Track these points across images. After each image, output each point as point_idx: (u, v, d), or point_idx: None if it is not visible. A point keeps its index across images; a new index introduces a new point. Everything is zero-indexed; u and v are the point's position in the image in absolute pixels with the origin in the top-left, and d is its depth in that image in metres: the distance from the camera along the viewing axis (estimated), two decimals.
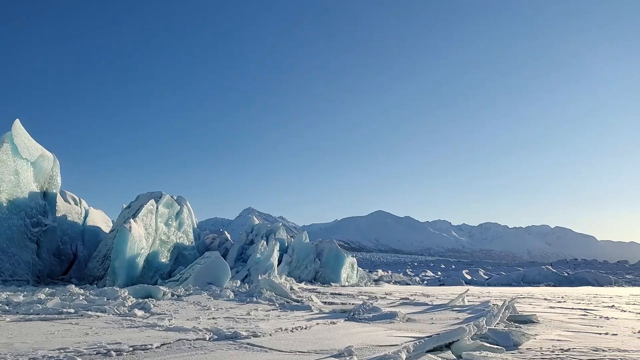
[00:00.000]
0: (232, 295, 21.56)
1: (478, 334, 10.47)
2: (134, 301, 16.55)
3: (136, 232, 26.52)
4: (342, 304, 19.90)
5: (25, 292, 17.96)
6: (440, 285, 53.47)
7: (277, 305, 18.20)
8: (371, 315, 14.41)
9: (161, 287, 20.76)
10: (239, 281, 30.11)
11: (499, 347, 9.28)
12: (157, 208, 30.07)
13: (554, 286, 53.06)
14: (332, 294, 27.94)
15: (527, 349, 9.64)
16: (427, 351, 8.41)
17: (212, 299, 20.22)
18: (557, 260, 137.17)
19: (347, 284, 44.12)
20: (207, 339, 9.45)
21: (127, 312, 13.80)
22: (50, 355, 7.28)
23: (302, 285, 36.29)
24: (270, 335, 10.35)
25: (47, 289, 20.21)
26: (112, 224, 34.85)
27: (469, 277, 63.16)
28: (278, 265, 38.18)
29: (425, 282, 59.20)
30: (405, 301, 22.43)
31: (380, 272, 64.86)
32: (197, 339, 9.33)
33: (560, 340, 10.80)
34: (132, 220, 27.06)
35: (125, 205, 32.36)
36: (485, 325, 11.10)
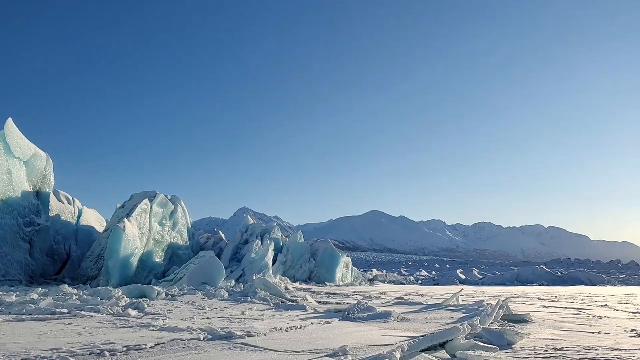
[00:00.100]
0: (226, 295, 21.51)
1: (472, 333, 10.52)
2: (128, 301, 16.49)
3: (130, 231, 26.40)
4: (337, 303, 19.90)
5: (18, 293, 17.83)
6: (434, 284, 53.59)
7: (272, 305, 18.18)
8: (366, 315, 14.43)
9: (155, 287, 20.68)
10: (233, 281, 30.05)
11: (493, 346, 9.32)
12: (151, 208, 29.94)
13: (547, 286, 53.34)
14: (327, 293, 27.95)
15: (520, 348, 9.70)
16: (422, 351, 8.43)
17: (207, 299, 20.16)
18: (551, 260, 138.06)
19: (342, 283, 44.13)
20: (202, 339, 9.42)
21: (121, 312, 13.74)
22: (43, 355, 7.23)
23: (297, 285, 36.26)
24: (265, 335, 10.34)
25: (40, 289, 20.07)
26: (106, 224, 34.69)
27: (463, 277, 63.34)
28: (273, 265, 38.12)
29: (420, 281, 59.30)
30: (399, 301, 22.47)
31: (375, 272, 64.90)
32: (191, 339, 9.30)
33: (553, 340, 10.88)
34: (126, 220, 26.94)
35: (119, 205, 32.22)
36: (479, 325, 11.15)
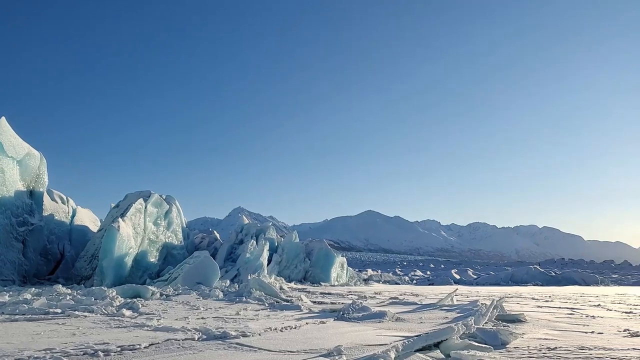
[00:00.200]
0: (221, 295, 21.48)
1: (466, 333, 10.56)
2: (122, 301, 16.43)
3: (124, 231, 26.31)
4: (332, 303, 19.93)
5: (11, 292, 17.71)
6: (429, 284, 53.71)
7: (267, 305, 18.18)
8: (360, 314, 14.46)
9: (150, 287, 20.61)
10: (228, 281, 30.00)
11: (487, 346, 9.37)
12: (145, 207, 29.85)
13: (541, 285, 53.62)
14: (321, 293, 27.96)
15: (514, 347, 9.76)
16: (416, 350, 8.46)
17: (201, 298, 20.13)
18: (545, 260, 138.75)
19: (336, 283, 44.15)
20: (196, 338, 9.40)
21: (115, 312, 13.69)
22: (36, 355, 7.20)
23: (292, 284, 36.25)
24: (260, 335, 10.33)
25: (34, 289, 19.95)
26: (100, 223, 34.54)
27: (457, 277, 63.54)
28: (268, 265, 38.08)
29: (415, 281, 59.42)
30: (394, 300, 22.52)
31: (370, 272, 65.00)
32: (185, 339, 9.28)
33: (547, 339, 10.95)
34: (120, 219, 26.84)
35: (113, 205, 32.09)
36: (473, 325, 11.19)
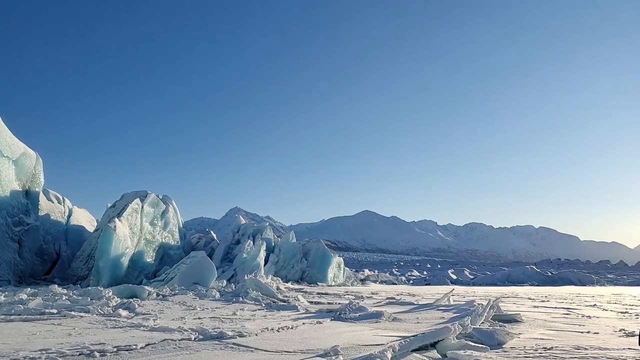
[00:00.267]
0: (218, 295, 21.48)
1: (463, 333, 10.60)
2: (119, 301, 16.39)
3: (121, 231, 26.24)
4: (329, 303, 19.95)
5: (6, 293, 17.63)
6: (426, 284, 53.83)
7: (264, 305, 18.18)
8: (357, 314, 14.49)
9: (146, 287, 20.58)
10: (225, 281, 29.99)
11: (484, 345, 9.40)
12: (142, 207, 29.78)
13: (537, 286, 53.80)
14: (318, 293, 27.99)
15: (511, 347, 9.80)
16: (413, 350, 8.48)
17: (198, 299, 20.12)
18: (541, 260, 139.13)
19: (333, 283, 44.17)
20: (193, 339, 9.40)
21: (112, 312, 13.67)
22: (32, 356, 7.18)
23: (289, 285, 36.25)
24: (257, 335, 10.33)
25: (29, 289, 19.90)
26: (96, 223, 34.44)
27: (454, 277, 63.70)
28: (265, 265, 38.07)
29: (411, 281, 59.53)
30: (391, 301, 22.57)
31: (367, 272, 65.07)
32: (182, 339, 9.28)
33: (543, 339, 11.00)
34: (116, 219, 26.77)
35: (109, 205, 32.00)
36: (470, 325, 11.23)
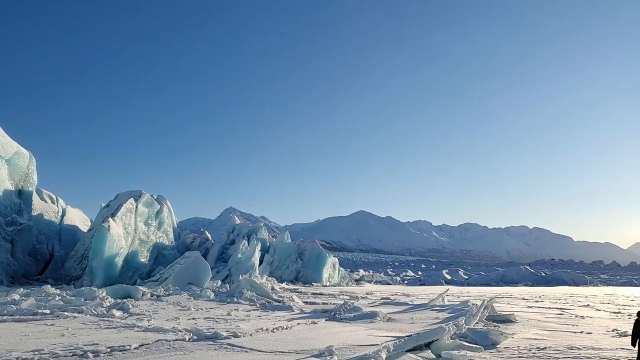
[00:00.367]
0: (212, 296, 21.49)
1: (457, 333, 10.66)
2: (112, 301, 16.35)
3: (115, 231, 26.15)
4: (324, 303, 20.02)
5: None
6: (420, 285, 54.02)
7: (258, 306, 18.21)
8: (352, 315, 14.55)
9: (140, 287, 20.54)
10: (219, 281, 29.97)
11: (478, 346, 9.46)
12: (136, 207, 29.70)
13: (532, 286, 54.18)
14: (313, 293, 28.05)
15: (505, 347, 9.88)
16: (407, 350, 8.51)
17: (192, 299, 20.12)
18: (535, 261, 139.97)
19: (328, 283, 44.25)
20: (187, 339, 9.41)
21: (105, 312, 13.65)
22: (24, 357, 7.15)
23: (284, 285, 36.29)
24: (251, 335, 10.36)
25: (22, 289, 19.79)
26: (90, 223, 34.32)
27: (449, 277, 63.97)
28: (259, 265, 38.07)
29: (406, 281, 59.72)
30: (386, 301, 22.67)
31: (362, 272, 65.25)
32: (176, 340, 9.29)
33: (537, 339, 11.11)
34: (110, 219, 26.68)
35: (104, 204, 31.90)
36: (464, 325, 11.30)
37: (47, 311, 13.05)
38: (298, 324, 12.72)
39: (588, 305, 22.79)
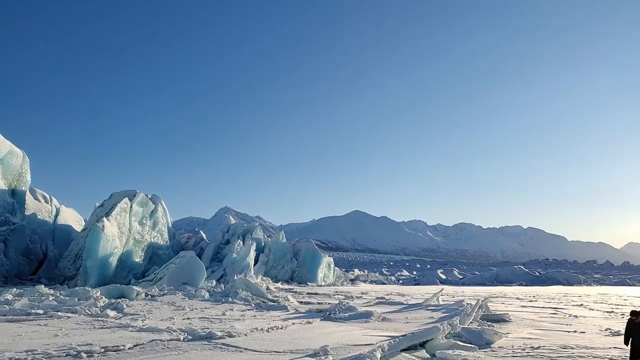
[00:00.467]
0: (207, 295, 21.46)
1: (452, 332, 10.70)
2: (107, 301, 16.30)
3: (109, 231, 26.05)
4: (319, 303, 20.03)
5: None
6: (415, 284, 54.12)
7: (253, 305, 18.21)
8: (347, 314, 14.57)
9: (135, 287, 20.48)
10: (214, 281, 29.92)
11: (472, 345, 9.50)
12: (131, 207, 29.60)
13: (526, 285, 54.40)
14: (308, 293, 28.06)
15: (499, 347, 9.93)
16: (402, 350, 8.54)
17: (187, 299, 20.09)
18: (530, 260, 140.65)
19: (323, 283, 44.25)
20: (182, 339, 9.39)
21: (99, 312, 13.60)
22: (17, 357, 7.12)
23: (279, 285, 36.28)
24: (246, 335, 10.35)
25: (15, 289, 19.68)
26: (84, 223, 34.18)
27: (443, 277, 64.10)
28: (254, 265, 38.05)
29: (401, 281, 59.82)
30: (380, 300, 22.71)
31: (357, 272, 65.32)
32: (171, 340, 9.27)
33: (531, 339, 11.17)
34: (105, 219, 26.58)
35: (98, 204, 31.77)
36: (458, 324, 11.34)
37: (41, 311, 13.00)
38: (293, 323, 12.72)
39: (581, 304, 22.92)
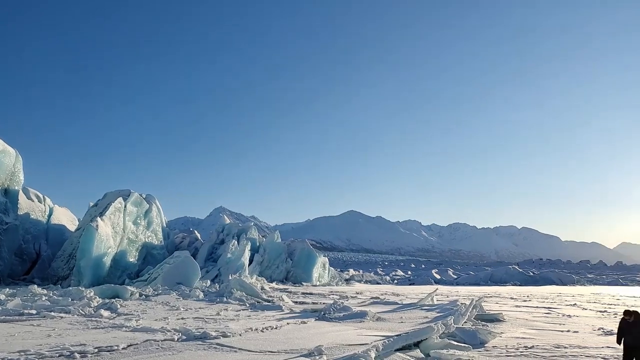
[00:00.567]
0: (201, 295, 21.41)
1: (446, 332, 10.72)
2: (100, 301, 16.21)
3: (103, 230, 25.94)
4: (313, 303, 20.04)
5: None
6: (410, 284, 54.22)
7: (248, 305, 18.18)
8: (342, 314, 14.58)
9: (129, 287, 20.39)
10: (209, 281, 29.85)
11: (466, 345, 9.53)
12: (125, 206, 29.48)
13: (520, 285, 54.66)
14: (303, 293, 28.06)
15: (493, 346, 9.96)
16: (396, 350, 8.54)
17: (181, 299, 20.03)
18: (524, 260, 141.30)
19: (318, 283, 44.27)
20: (176, 339, 9.36)
21: (93, 312, 13.52)
22: (10, 357, 7.07)
23: (274, 285, 36.26)
24: (240, 335, 10.34)
25: (8, 289, 19.56)
26: (78, 223, 33.98)
27: (438, 277, 64.24)
28: (249, 265, 38.00)
29: (396, 281, 59.92)
30: (375, 300, 22.73)
31: (352, 272, 65.36)
32: (165, 340, 9.23)
33: (524, 338, 11.23)
34: (99, 218, 26.46)
35: (92, 203, 31.62)
36: (453, 324, 11.37)
37: (34, 311, 12.92)
38: (287, 323, 12.71)
39: (575, 304, 23.07)
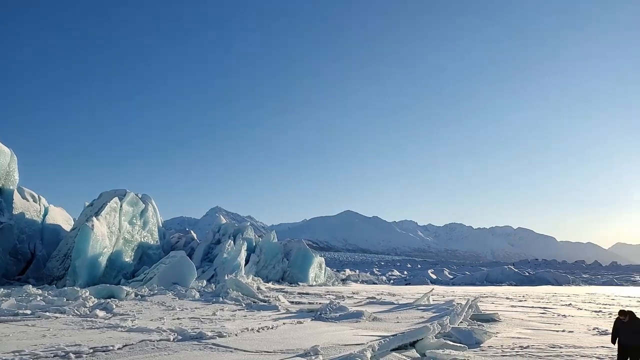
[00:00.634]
0: (197, 295, 21.37)
1: (442, 332, 10.75)
2: (96, 302, 16.15)
3: (99, 230, 25.85)
4: (310, 303, 20.03)
5: None
6: (406, 284, 54.28)
7: (244, 305, 18.16)
8: (338, 314, 14.58)
9: (124, 287, 20.34)
10: (205, 281, 29.80)
11: (462, 345, 9.55)
12: (121, 206, 29.40)
13: (515, 285, 54.82)
14: (299, 293, 28.04)
15: (488, 346, 10.00)
16: (392, 350, 8.55)
17: (177, 299, 19.99)
18: (519, 260, 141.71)
19: (314, 283, 44.26)
20: (172, 339, 9.34)
21: (88, 312, 13.47)
22: (4, 358, 7.04)
23: (270, 285, 36.22)
24: (236, 335, 10.32)
25: (2, 289, 19.46)
26: (73, 222, 33.88)
27: (434, 277, 64.33)
28: (245, 265, 37.94)
29: (392, 281, 59.98)
30: (371, 300, 22.75)
31: (348, 272, 65.39)
32: (160, 340, 9.21)
33: (520, 338, 11.27)
34: (94, 218, 26.37)
35: (87, 203, 31.52)
36: (448, 324, 11.39)
37: (28, 311, 12.85)
38: (284, 323, 12.71)
39: (570, 304, 23.17)
